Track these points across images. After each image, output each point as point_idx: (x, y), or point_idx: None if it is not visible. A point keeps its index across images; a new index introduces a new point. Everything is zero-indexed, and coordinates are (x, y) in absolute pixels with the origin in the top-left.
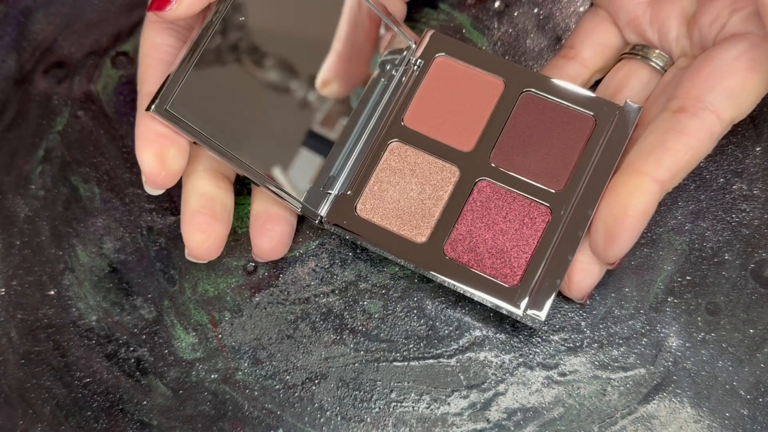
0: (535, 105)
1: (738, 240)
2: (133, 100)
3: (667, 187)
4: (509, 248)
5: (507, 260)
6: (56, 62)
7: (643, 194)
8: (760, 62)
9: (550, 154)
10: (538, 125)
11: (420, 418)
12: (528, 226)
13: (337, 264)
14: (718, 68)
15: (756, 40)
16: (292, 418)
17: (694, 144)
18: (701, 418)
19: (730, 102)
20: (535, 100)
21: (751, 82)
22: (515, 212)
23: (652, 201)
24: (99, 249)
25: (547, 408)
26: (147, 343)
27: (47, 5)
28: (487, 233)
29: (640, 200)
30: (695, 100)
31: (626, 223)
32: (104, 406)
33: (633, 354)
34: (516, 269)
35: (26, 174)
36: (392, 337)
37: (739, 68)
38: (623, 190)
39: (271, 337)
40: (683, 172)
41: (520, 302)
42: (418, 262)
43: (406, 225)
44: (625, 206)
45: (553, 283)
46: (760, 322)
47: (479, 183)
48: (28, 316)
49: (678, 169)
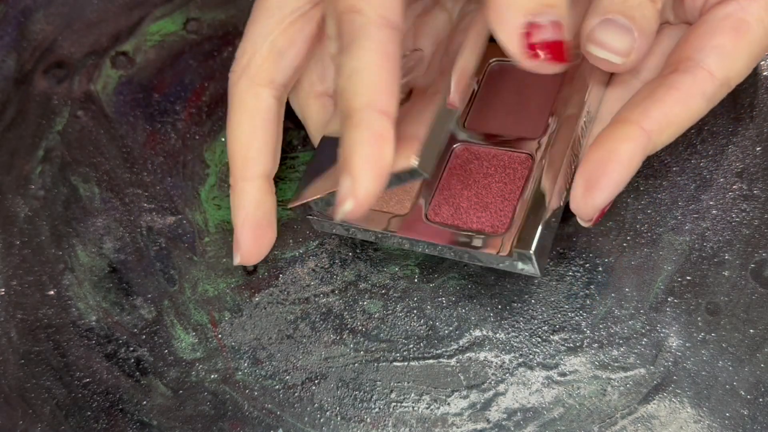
0: (504, 71)
1: (738, 240)
2: (132, 99)
3: (655, 140)
4: (493, 201)
5: (492, 212)
6: (56, 62)
7: (630, 140)
8: (750, 23)
9: (524, 108)
10: (508, 88)
11: (420, 418)
12: (510, 177)
13: (337, 264)
14: (707, 29)
15: (744, 3)
16: (292, 418)
17: (684, 98)
18: (701, 418)
19: (721, 60)
20: (503, 67)
21: (743, 42)
22: (495, 167)
23: (637, 149)
24: (99, 249)
25: (547, 408)
26: (147, 343)
27: (47, 5)
28: (470, 191)
29: (625, 146)
30: (686, 60)
31: (609, 169)
32: (104, 406)
33: (633, 354)
34: (503, 218)
35: (26, 174)
36: (392, 337)
37: (727, 27)
38: (609, 138)
39: (271, 337)
40: (673, 126)
41: (506, 245)
42: (401, 232)
43: (387, 203)
44: (609, 152)
45: (536, 219)
46: (760, 322)
47: (455, 149)
48: (28, 316)
49: (667, 121)
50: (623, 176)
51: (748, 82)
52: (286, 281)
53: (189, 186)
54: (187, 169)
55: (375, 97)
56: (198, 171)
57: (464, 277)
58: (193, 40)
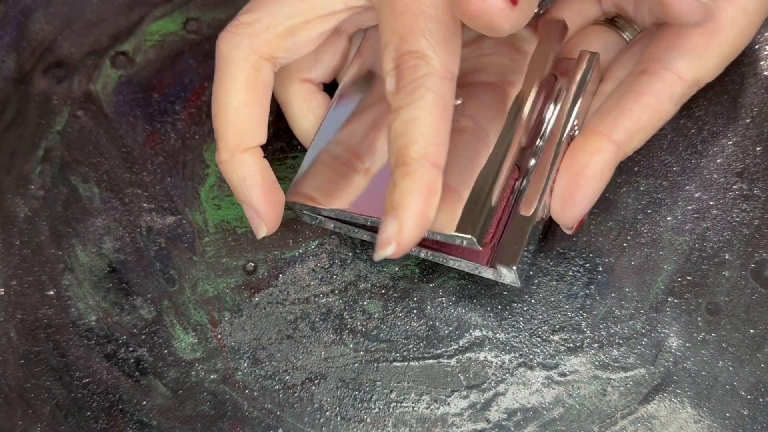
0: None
1: (738, 240)
2: (132, 99)
3: (625, 148)
4: None
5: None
6: (56, 62)
7: (600, 153)
8: (722, 25)
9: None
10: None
11: (420, 418)
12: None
13: (336, 264)
14: (680, 29)
15: (718, 3)
16: (291, 419)
17: (652, 104)
18: (701, 418)
19: (690, 62)
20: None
21: (714, 43)
22: None
23: (607, 161)
24: (98, 249)
25: (547, 408)
26: (146, 343)
27: (47, 5)
28: None
29: (595, 160)
30: (656, 61)
31: (582, 183)
32: (104, 406)
33: (633, 354)
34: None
35: (26, 174)
36: (392, 337)
37: (699, 28)
38: (580, 152)
39: (271, 337)
40: (642, 132)
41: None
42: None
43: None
44: (581, 166)
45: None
46: (760, 322)
47: None
48: (28, 316)
49: (636, 129)
50: (596, 188)
51: (748, 81)
52: (286, 281)
53: (189, 186)
54: (187, 169)
55: (431, 149)
56: (198, 171)
57: (464, 277)
58: (192, 39)
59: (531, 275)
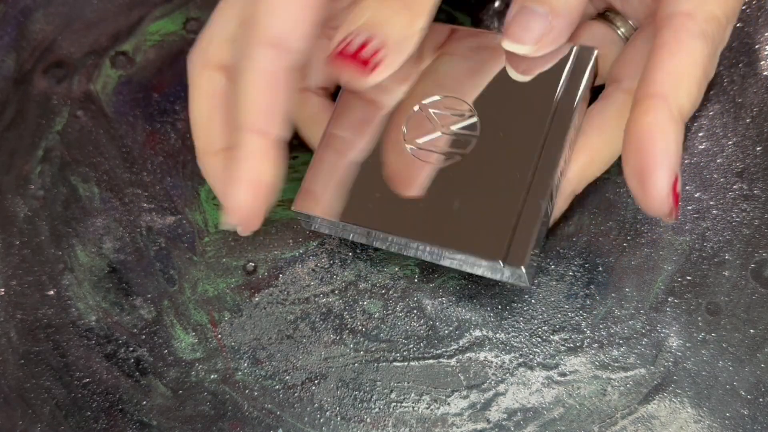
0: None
1: (738, 240)
2: (132, 99)
3: (676, 101)
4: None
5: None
6: (56, 62)
7: (649, 112)
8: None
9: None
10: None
11: (420, 418)
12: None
13: (336, 264)
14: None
15: None
16: (291, 419)
17: (675, 48)
18: (701, 418)
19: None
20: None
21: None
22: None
23: (662, 118)
24: (98, 249)
25: (547, 408)
26: (146, 343)
27: (47, 5)
28: None
29: (647, 120)
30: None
31: (647, 149)
32: (104, 406)
33: (633, 354)
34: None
35: (26, 174)
36: (392, 337)
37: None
38: (631, 124)
39: (271, 337)
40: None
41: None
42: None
43: None
44: (638, 134)
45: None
46: (760, 322)
47: None
48: (28, 316)
49: (671, 77)
50: (666, 145)
51: (748, 81)
52: (286, 281)
53: (189, 186)
54: (187, 169)
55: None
56: (197, 171)
57: (464, 277)
58: (192, 39)
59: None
